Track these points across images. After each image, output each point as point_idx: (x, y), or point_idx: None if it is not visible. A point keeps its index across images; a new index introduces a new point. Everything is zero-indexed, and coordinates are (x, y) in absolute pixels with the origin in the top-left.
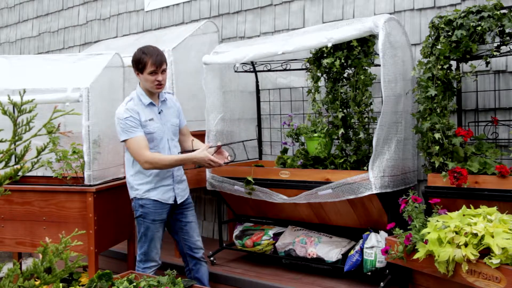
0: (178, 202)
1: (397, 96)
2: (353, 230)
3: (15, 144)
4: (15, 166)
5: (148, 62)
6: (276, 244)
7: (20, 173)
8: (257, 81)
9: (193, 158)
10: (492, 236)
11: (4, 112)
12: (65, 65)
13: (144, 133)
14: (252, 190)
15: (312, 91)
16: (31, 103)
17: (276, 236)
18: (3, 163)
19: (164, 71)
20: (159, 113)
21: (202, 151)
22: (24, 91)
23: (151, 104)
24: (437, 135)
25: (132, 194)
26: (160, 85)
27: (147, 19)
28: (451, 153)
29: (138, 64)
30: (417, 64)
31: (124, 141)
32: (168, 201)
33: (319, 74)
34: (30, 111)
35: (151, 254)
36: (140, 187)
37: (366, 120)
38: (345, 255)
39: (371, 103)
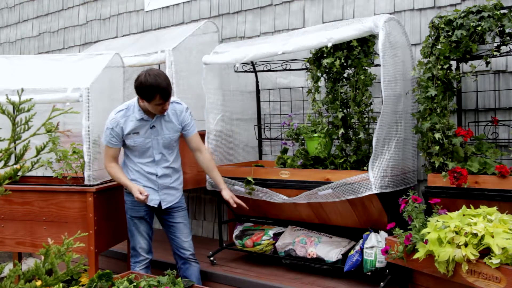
0: (163, 207)
1: (397, 96)
2: (353, 230)
3: (15, 143)
4: (15, 166)
5: (157, 96)
6: (276, 244)
7: (20, 173)
8: (257, 81)
9: (128, 186)
10: (492, 236)
11: (3, 112)
12: (65, 65)
13: (120, 146)
14: (252, 190)
15: (312, 91)
16: (29, 102)
17: (276, 236)
18: (3, 162)
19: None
20: (151, 127)
21: (135, 185)
22: (22, 90)
23: (142, 119)
24: (437, 135)
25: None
26: (165, 110)
27: (147, 19)
28: (451, 153)
29: (145, 94)
30: (417, 64)
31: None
32: (150, 203)
33: (319, 74)
34: (28, 110)
35: (135, 249)
36: None
37: (366, 120)
38: (345, 255)
39: (371, 103)
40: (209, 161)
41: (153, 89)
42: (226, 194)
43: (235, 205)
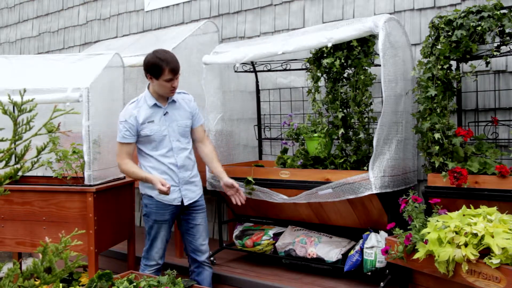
0: (186, 204)
1: (397, 96)
2: (353, 230)
3: (15, 144)
4: (15, 166)
5: (165, 70)
6: (276, 244)
7: (20, 173)
8: (257, 81)
9: (148, 178)
10: (492, 236)
11: (5, 112)
12: (65, 65)
13: (135, 141)
14: (252, 190)
15: (312, 91)
16: (31, 102)
17: (276, 236)
18: (3, 162)
19: (178, 76)
20: (164, 114)
21: (156, 176)
22: (25, 91)
23: (155, 105)
24: (437, 135)
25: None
26: (174, 90)
27: (147, 19)
28: (451, 153)
29: (154, 70)
30: (417, 64)
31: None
32: (173, 203)
33: (319, 74)
34: (30, 111)
35: (151, 253)
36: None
37: (366, 120)
38: (345, 255)
39: (371, 103)
40: (211, 151)
41: (162, 63)
42: (229, 180)
43: (240, 191)
